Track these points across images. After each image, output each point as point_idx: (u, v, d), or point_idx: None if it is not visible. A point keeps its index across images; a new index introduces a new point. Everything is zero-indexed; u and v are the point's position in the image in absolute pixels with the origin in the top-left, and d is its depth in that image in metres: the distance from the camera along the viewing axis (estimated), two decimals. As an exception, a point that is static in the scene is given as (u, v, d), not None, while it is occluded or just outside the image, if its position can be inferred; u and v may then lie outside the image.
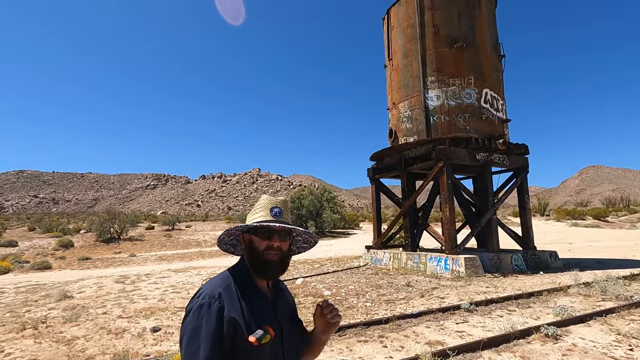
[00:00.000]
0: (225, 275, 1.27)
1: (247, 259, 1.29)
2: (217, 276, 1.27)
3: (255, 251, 1.26)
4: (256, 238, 1.26)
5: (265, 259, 1.24)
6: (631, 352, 4.29)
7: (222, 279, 1.25)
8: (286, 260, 1.30)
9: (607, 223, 33.62)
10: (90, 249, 23.40)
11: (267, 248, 1.24)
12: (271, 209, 1.29)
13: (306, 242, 1.50)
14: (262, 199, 1.35)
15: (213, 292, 1.16)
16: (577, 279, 8.62)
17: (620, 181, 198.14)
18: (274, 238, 1.26)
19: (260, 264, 1.25)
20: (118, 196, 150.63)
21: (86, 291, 9.58)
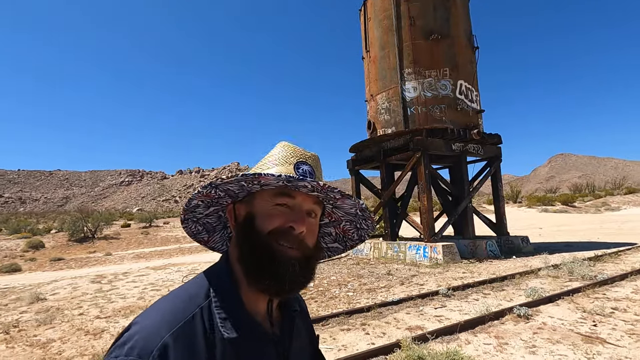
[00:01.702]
0: (187, 292, 0.68)
1: (238, 252, 0.71)
2: (173, 293, 0.69)
3: (254, 234, 0.69)
4: (262, 211, 0.70)
5: (273, 251, 0.68)
6: (595, 327, 4.59)
7: (176, 302, 0.66)
8: (312, 263, 0.73)
9: (574, 208, 35.41)
10: (63, 249, 22.53)
11: (280, 232, 0.69)
12: (297, 164, 0.74)
13: (342, 238, 0.90)
14: (279, 148, 0.78)
15: (149, 342, 0.58)
16: (546, 261, 9.08)
17: (586, 168, 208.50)
18: (297, 215, 0.70)
19: (260, 260, 0.67)
20: (90, 194, 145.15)
21: (60, 292, 9.26)
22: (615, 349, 3.91)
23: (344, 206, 0.81)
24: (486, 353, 3.97)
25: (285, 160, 0.75)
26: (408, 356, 3.39)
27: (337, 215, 0.86)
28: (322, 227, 0.87)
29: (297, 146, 0.79)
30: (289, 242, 0.69)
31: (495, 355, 3.90)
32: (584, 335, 4.32)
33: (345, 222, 0.87)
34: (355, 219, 0.85)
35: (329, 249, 0.92)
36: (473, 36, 13.86)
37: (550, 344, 4.11)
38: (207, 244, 0.88)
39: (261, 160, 0.78)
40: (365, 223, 0.85)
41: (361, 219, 0.85)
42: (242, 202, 0.75)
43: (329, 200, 0.79)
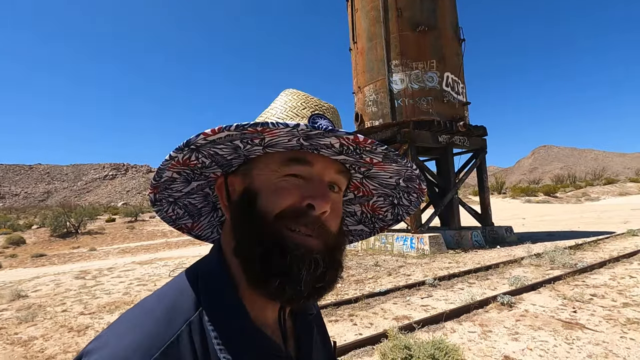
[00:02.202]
0: (167, 301, 0.49)
1: (237, 245, 0.52)
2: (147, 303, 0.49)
3: (256, 218, 0.50)
4: (267, 185, 0.52)
5: (284, 240, 0.49)
6: (575, 313, 4.74)
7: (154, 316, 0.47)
8: (337, 255, 0.54)
9: (556, 199, 36.36)
10: (45, 245, 22.00)
11: (294, 213, 0.50)
12: (312, 118, 0.55)
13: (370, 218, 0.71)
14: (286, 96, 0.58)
15: None
16: (529, 250, 9.30)
17: (568, 159, 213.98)
18: (316, 188, 0.51)
19: (266, 254, 0.49)
20: (73, 188, 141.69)
21: (42, 289, 9.05)
22: (594, 334, 4.05)
23: (380, 174, 0.60)
24: (471, 341, 4.05)
25: (296, 113, 0.55)
26: (395, 346, 3.43)
27: (367, 189, 0.65)
28: (345, 205, 0.67)
29: (310, 95, 0.59)
30: (307, 226, 0.50)
31: (479, 343, 3.98)
32: (564, 322, 4.46)
33: (377, 197, 0.66)
34: (394, 192, 0.64)
35: (351, 233, 0.72)
36: (459, 28, 13.92)
37: (532, 331, 4.23)
38: (192, 231, 0.67)
39: (263, 112, 0.59)
40: (409, 197, 0.64)
41: (403, 192, 0.64)
42: (237, 174, 0.55)
43: (360, 167, 0.58)
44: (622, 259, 7.93)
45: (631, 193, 37.25)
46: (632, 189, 39.15)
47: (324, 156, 0.52)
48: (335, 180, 0.54)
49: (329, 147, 0.50)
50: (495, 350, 3.76)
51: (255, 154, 0.53)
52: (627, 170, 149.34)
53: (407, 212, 0.68)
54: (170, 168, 0.54)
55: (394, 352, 3.39)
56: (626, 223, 15.53)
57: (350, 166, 0.58)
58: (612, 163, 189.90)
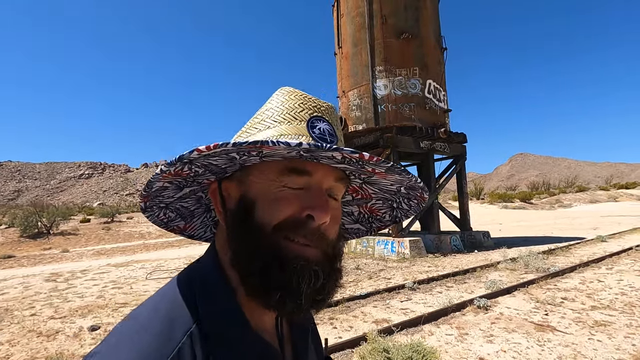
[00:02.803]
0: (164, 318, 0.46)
1: (234, 256, 0.50)
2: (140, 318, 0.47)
3: (254, 230, 0.49)
4: (264, 194, 0.50)
5: (282, 253, 0.48)
6: (546, 316, 4.91)
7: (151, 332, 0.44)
8: (336, 264, 0.54)
9: (531, 205, 37.61)
10: (14, 245, 21.03)
11: (292, 224, 0.49)
12: (311, 121, 0.53)
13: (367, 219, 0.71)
14: (283, 96, 0.56)
15: None
16: (505, 255, 9.58)
17: (543, 167, 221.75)
18: (316, 198, 0.50)
19: (268, 273, 0.47)
20: (46, 187, 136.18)
21: (10, 292, 8.64)
22: (564, 336, 4.20)
23: (381, 182, 0.59)
24: (448, 343, 4.13)
25: (294, 116, 0.53)
26: (374, 349, 3.46)
27: (366, 192, 0.64)
28: (343, 206, 0.65)
29: (307, 94, 0.56)
30: (305, 237, 0.49)
31: (456, 345, 4.06)
32: (537, 324, 4.61)
33: (376, 200, 0.66)
34: (394, 197, 0.64)
35: (347, 231, 0.72)
36: (442, 37, 14.27)
37: (506, 333, 4.35)
38: (184, 232, 0.66)
39: (256, 113, 0.56)
40: (409, 203, 0.64)
41: (403, 198, 0.63)
42: (232, 179, 0.53)
43: (360, 174, 0.57)
44: (592, 263, 8.28)
45: (601, 200, 38.97)
46: (602, 196, 40.97)
47: (324, 164, 0.50)
48: (334, 188, 0.53)
49: (330, 157, 0.47)
50: (471, 353, 3.85)
51: (251, 162, 0.51)
52: (598, 178, 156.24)
53: (405, 215, 0.67)
54: (162, 180, 0.52)
55: (372, 355, 3.41)
56: (596, 229, 16.22)
57: (350, 173, 0.57)
58: (583, 172, 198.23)
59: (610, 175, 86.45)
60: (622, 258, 8.92)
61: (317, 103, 0.56)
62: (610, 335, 4.17)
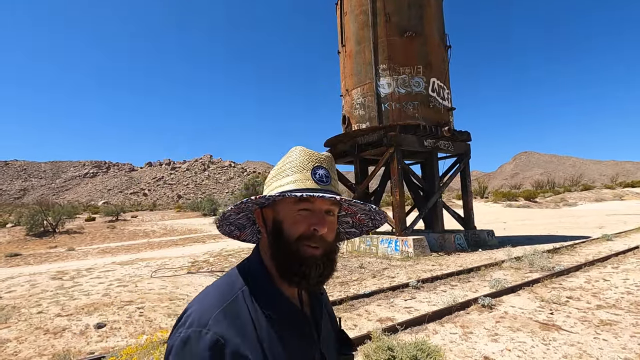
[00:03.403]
0: (228, 281, 0.81)
1: (271, 253, 0.82)
2: (215, 283, 0.82)
3: (284, 241, 0.79)
4: (287, 218, 0.80)
5: (300, 255, 0.78)
6: (551, 315, 4.89)
7: (221, 288, 0.79)
8: (333, 256, 0.83)
9: (536, 203, 37.38)
10: (20, 244, 21.23)
11: (306, 236, 0.78)
12: (313, 170, 0.83)
13: (358, 225, 1.02)
14: (295, 153, 0.86)
15: (203, 316, 0.72)
16: (509, 254, 9.55)
17: (547, 166, 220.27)
18: (318, 218, 0.79)
19: (291, 263, 0.78)
20: (51, 186, 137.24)
21: (17, 290, 8.73)
22: (569, 335, 4.18)
23: (358, 205, 0.91)
24: (452, 342, 4.13)
25: (303, 167, 0.83)
26: (378, 347, 3.46)
27: (353, 210, 0.96)
28: (340, 218, 0.99)
29: (312, 150, 0.88)
30: (314, 242, 0.79)
31: (460, 344, 4.06)
32: (542, 323, 4.59)
33: (360, 214, 0.98)
34: (369, 213, 0.97)
35: (347, 233, 1.05)
36: (446, 35, 14.19)
37: (510, 332, 4.34)
38: (240, 237, 1.00)
39: (278, 165, 0.88)
40: (379, 216, 0.98)
41: (375, 214, 0.97)
42: (268, 207, 0.85)
43: (344, 201, 0.86)
44: (597, 262, 8.23)
45: (606, 199, 38.66)
46: (607, 195, 40.64)
47: None
48: (330, 209, 0.82)
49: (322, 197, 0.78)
50: (476, 351, 3.85)
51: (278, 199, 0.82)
52: (603, 177, 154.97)
53: (380, 224, 0.99)
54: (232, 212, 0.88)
55: (377, 353, 3.42)
56: (601, 228, 16.10)
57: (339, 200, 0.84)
58: (589, 170, 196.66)
59: (616, 174, 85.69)
60: (628, 257, 8.85)
61: (319, 156, 0.87)
62: (616, 334, 4.14)
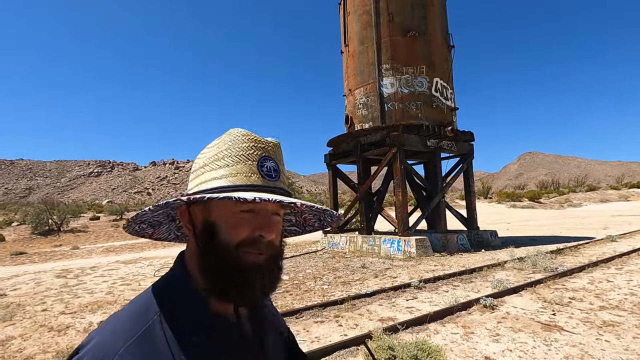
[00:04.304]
0: (140, 303, 0.62)
1: (200, 261, 0.64)
2: (125, 308, 0.63)
3: (220, 247, 0.62)
4: (225, 219, 0.63)
5: (241, 263, 0.62)
6: (554, 316, 4.87)
7: (130, 313, 0.61)
8: (278, 261, 0.68)
9: (540, 204, 37.17)
10: (25, 242, 21.44)
11: (248, 242, 0.63)
12: (260, 161, 0.66)
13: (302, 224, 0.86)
14: (236, 137, 0.67)
15: (104, 354, 0.55)
16: (512, 254, 9.51)
17: (552, 166, 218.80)
18: (264, 221, 0.64)
19: (229, 274, 0.62)
20: (56, 185, 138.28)
21: (22, 288, 8.82)
22: (571, 336, 4.17)
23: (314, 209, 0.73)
24: (453, 342, 4.13)
25: (247, 157, 0.65)
26: (379, 346, 3.47)
27: (300, 209, 0.78)
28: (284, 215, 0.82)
29: (256, 135, 0.68)
30: (259, 249, 0.63)
31: (461, 344, 4.06)
32: (544, 324, 4.57)
33: (308, 214, 0.83)
34: (320, 214, 0.80)
35: (287, 231, 0.86)
36: (449, 35, 14.15)
37: (512, 332, 4.33)
38: (152, 236, 0.79)
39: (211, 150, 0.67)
40: (330, 218, 0.81)
41: (324, 215, 0.80)
42: (198, 204, 0.65)
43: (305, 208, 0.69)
44: (601, 263, 8.17)
45: (611, 200, 38.36)
46: (613, 195, 40.32)
47: None
48: (276, 210, 0.67)
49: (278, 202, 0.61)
50: (477, 352, 3.84)
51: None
52: (608, 177, 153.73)
53: (329, 224, 0.84)
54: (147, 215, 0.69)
55: (378, 352, 3.43)
56: (606, 229, 15.99)
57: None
58: (594, 170, 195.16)
59: (622, 174, 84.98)
60: (632, 258, 8.79)
61: (266, 144, 0.68)
62: (618, 335, 4.12)
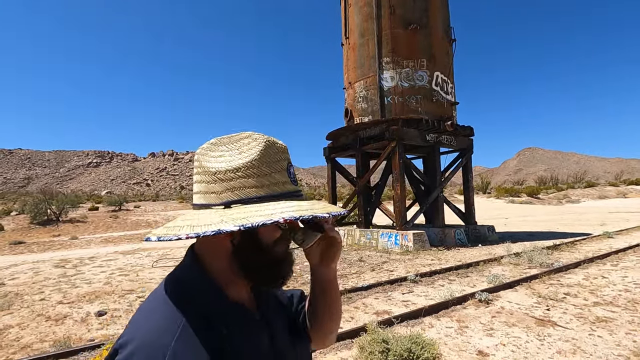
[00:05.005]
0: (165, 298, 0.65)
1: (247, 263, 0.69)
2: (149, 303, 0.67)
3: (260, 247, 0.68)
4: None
5: (278, 257, 0.71)
6: (548, 311, 4.91)
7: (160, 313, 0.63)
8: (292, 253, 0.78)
9: (538, 200, 37.26)
10: (24, 232, 21.45)
11: (281, 239, 0.71)
12: (287, 169, 0.71)
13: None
14: (264, 144, 0.69)
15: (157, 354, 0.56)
16: (509, 250, 9.53)
17: (551, 162, 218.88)
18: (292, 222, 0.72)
19: (266, 269, 0.70)
20: (55, 175, 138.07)
21: (20, 277, 8.85)
22: (564, 331, 4.21)
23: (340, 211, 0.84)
24: (447, 336, 4.16)
25: (280, 166, 0.70)
26: (373, 339, 3.50)
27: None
28: None
29: (274, 138, 0.73)
30: (285, 244, 0.73)
31: (455, 338, 4.09)
32: (537, 319, 4.61)
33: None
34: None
35: None
36: (451, 28, 14.02)
37: (506, 327, 4.37)
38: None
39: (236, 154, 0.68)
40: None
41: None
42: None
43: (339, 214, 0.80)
44: (596, 259, 8.22)
45: (610, 196, 38.46)
46: (611, 192, 40.42)
47: None
48: None
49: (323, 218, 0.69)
50: (470, 345, 3.88)
51: None
52: (607, 174, 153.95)
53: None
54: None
55: (372, 345, 3.45)
56: (603, 225, 16.05)
57: None
58: (593, 167, 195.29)
59: (621, 171, 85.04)
60: (628, 255, 8.84)
61: (287, 151, 0.74)
62: (611, 331, 4.16)
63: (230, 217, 0.61)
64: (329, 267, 0.84)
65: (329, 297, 0.86)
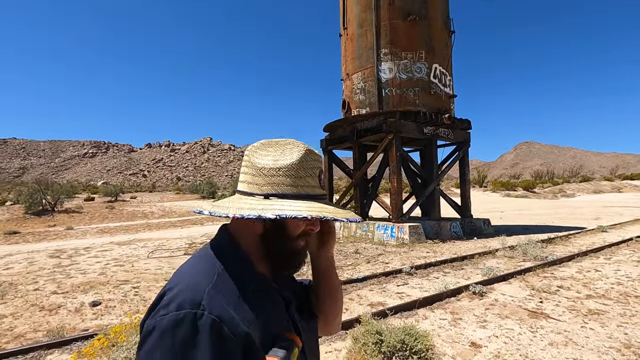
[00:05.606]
0: (206, 257, 0.79)
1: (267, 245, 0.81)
2: (192, 260, 0.80)
3: (286, 239, 0.81)
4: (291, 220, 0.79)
5: (298, 250, 0.83)
6: (541, 303, 4.95)
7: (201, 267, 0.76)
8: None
9: (534, 194, 37.46)
10: (19, 222, 21.34)
11: (303, 234, 0.82)
12: (319, 174, 0.82)
13: None
14: (300, 150, 0.81)
15: (195, 296, 0.68)
16: (504, 243, 9.59)
17: (548, 156, 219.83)
18: (314, 220, 0.81)
19: (290, 258, 0.83)
20: (50, 165, 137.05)
21: (14, 267, 8.81)
22: (557, 323, 4.24)
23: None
24: (441, 327, 4.19)
25: (314, 173, 0.81)
26: (367, 331, 3.51)
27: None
28: None
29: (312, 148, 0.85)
30: (304, 239, 0.83)
31: (449, 329, 4.12)
32: (530, 311, 4.65)
33: None
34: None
35: None
36: (450, 20, 13.88)
37: (499, 319, 4.40)
38: None
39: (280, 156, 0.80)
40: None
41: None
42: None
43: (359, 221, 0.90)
44: (590, 253, 8.28)
45: (605, 191, 38.73)
46: (606, 187, 40.69)
47: None
48: None
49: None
50: (463, 337, 3.90)
51: None
52: (603, 169, 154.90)
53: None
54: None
55: (365, 336, 3.47)
56: (597, 219, 16.17)
57: None
58: (589, 162, 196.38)
59: (616, 166, 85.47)
60: (621, 248, 8.91)
61: (322, 161, 0.87)
62: (603, 323, 4.20)
63: (269, 207, 0.73)
64: (326, 254, 0.96)
65: (330, 285, 0.98)
